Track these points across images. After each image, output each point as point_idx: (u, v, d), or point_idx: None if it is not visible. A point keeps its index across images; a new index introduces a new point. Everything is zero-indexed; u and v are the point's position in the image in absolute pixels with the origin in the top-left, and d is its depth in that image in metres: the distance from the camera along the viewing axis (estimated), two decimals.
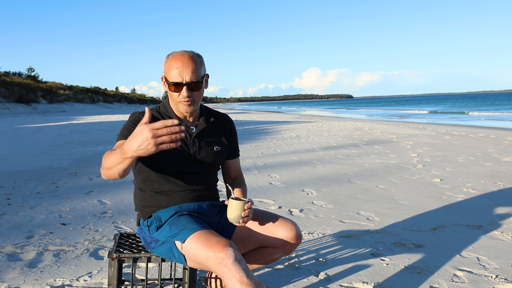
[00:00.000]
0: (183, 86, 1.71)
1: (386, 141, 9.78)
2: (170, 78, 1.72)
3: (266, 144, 9.32)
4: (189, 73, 1.70)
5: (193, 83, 1.72)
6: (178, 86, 1.72)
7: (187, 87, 1.71)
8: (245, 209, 1.70)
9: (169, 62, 1.73)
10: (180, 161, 1.80)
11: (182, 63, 1.70)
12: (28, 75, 43.55)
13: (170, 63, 1.73)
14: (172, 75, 1.71)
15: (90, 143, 9.43)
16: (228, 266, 1.48)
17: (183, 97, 1.73)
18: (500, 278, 2.31)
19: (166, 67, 1.74)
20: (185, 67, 1.70)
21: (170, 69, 1.72)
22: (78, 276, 2.30)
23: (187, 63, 1.70)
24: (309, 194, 4.42)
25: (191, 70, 1.70)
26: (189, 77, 1.70)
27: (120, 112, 35.04)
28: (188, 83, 1.71)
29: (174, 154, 1.79)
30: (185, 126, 1.83)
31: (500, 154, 7.24)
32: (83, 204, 3.94)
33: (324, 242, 2.92)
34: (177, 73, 1.70)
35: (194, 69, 1.71)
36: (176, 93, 1.74)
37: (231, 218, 1.72)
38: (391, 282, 2.27)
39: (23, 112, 28.55)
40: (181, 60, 1.71)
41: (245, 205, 1.70)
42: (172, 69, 1.71)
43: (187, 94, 1.72)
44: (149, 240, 1.81)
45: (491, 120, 20.59)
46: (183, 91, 1.72)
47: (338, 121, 20.31)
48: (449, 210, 3.77)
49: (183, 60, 1.71)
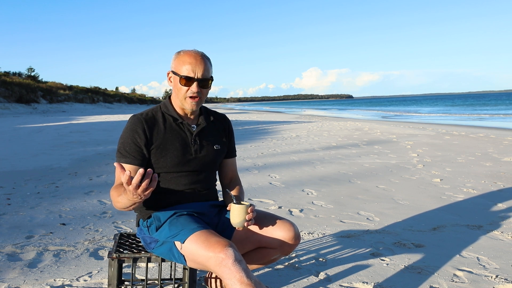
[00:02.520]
0: (194, 81, 1.76)
1: (386, 141, 9.78)
2: (182, 72, 1.76)
3: (266, 144, 9.32)
4: (201, 70, 1.76)
5: (204, 80, 1.77)
6: (190, 81, 1.76)
7: (198, 83, 1.77)
8: (248, 212, 1.70)
9: (181, 58, 1.78)
10: (181, 159, 1.81)
11: (196, 59, 1.76)
12: (28, 75, 43.54)
13: (183, 58, 1.78)
14: (184, 70, 1.76)
15: (90, 143, 9.43)
16: (228, 266, 1.48)
17: (192, 92, 1.77)
18: (500, 278, 2.31)
19: (178, 62, 1.79)
20: (198, 63, 1.76)
21: (182, 64, 1.77)
22: (78, 276, 2.30)
23: (200, 61, 1.77)
24: (309, 194, 4.42)
25: (203, 67, 1.77)
26: (201, 73, 1.76)
27: (120, 112, 35.03)
28: (199, 79, 1.76)
29: (175, 153, 1.80)
30: (186, 124, 1.86)
31: (500, 154, 7.24)
32: (83, 204, 3.94)
33: (324, 242, 2.92)
34: (190, 68, 1.75)
35: (206, 68, 1.78)
36: (186, 88, 1.77)
37: (235, 223, 1.72)
38: (391, 282, 2.27)
39: (23, 112, 28.54)
40: (194, 57, 1.77)
41: (248, 209, 1.71)
42: (185, 64, 1.76)
43: (197, 90, 1.77)
44: (148, 240, 1.81)
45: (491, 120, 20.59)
46: (193, 86, 1.76)
47: (338, 121, 20.31)
48: (449, 210, 3.77)
49: (197, 57, 1.77)
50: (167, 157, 1.79)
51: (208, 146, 1.88)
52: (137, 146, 1.75)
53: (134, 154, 1.74)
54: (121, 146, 1.77)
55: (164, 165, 1.80)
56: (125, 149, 1.75)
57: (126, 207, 1.60)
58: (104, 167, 6.10)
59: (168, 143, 1.80)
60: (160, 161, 1.79)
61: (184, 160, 1.81)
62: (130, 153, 1.74)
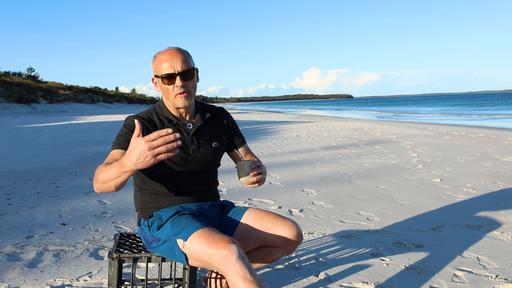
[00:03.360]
0: (175, 76, 1.73)
1: (386, 141, 9.78)
2: (162, 71, 1.74)
3: (266, 144, 9.32)
4: (179, 63, 1.73)
5: (185, 72, 1.74)
6: (171, 78, 1.73)
7: (180, 77, 1.73)
8: (252, 168, 1.71)
9: (157, 59, 1.77)
10: (180, 160, 1.80)
11: (171, 55, 1.74)
12: (28, 75, 43.53)
13: (159, 59, 1.76)
14: (163, 68, 1.73)
15: (90, 143, 9.43)
16: (232, 263, 1.47)
17: (178, 87, 1.74)
18: (500, 278, 2.31)
19: (156, 64, 1.77)
20: (174, 58, 1.73)
21: (160, 63, 1.75)
22: (78, 276, 2.30)
23: (175, 55, 1.74)
24: (309, 194, 4.42)
25: (180, 60, 1.73)
26: (180, 66, 1.73)
27: (120, 112, 35.03)
28: (180, 72, 1.73)
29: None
30: (182, 124, 1.84)
31: (500, 154, 7.24)
32: (83, 204, 3.94)
33: (324, 242, 2.92)
34: (168, 65, 1.73)
35: (184, 59, 1.74)
36: (171, 86, 1.75)
37: (241, 180, 1.73)
38: (391, 282, 2.27)
39: (23, 112, 28.54)
40: (169, 53, 1.75)
41: (252, 164, 1.71)
42: (162, 63, 1.74)
43: (182, 84, 1.73)
44: (150, 239, 1.81)
45: (491, 120, 20.59)
46: (177, 81, 1.73)
47: (338, 121, 20.31)
48: (449, 210, 3.77)
49: (171, 52, 1.75)
50: (165, 159, 1.78)
51: (206, 144, 1.87)
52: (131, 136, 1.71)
53: (127, 142, 1.69)
54: (116, 137, 1.75)
55: (163, 167, 1.79)
56: (118, 138, 1.73)
57: (112, 178, 1.45)
58: None
59: None
60: (159, 162, 1.78)
61: (183, 161, 1.81)
62: (124, 141, 1.70)
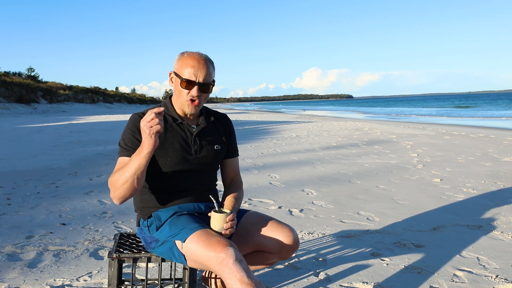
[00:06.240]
0: (195, 85, 1.75)
1: (386, 141, 9.78)
2: (184, 75, 1.75)
3: (266, 144, 9.33)
4: (203, 74, 1.75)
5: (205, 84, 1.76)
6: (190, 84, 1.75)
7: (199, 87, 1.75)
8: (227, 221, 1.69)
9: (184, 60, 1.77)
10: (181, 159, 1.81)
11: (199, 63, 1.75)
12: (28, 75, 43.52)
13: (185, 61, 1.76)
14: (186, 73, 1.75)
15: (90, 143, 9.43)
16: (229, 266, 1.48)
17: (192, 96, 1.76)
18: (500, 278, 2.31)
19: (180, 64, 1.77)
20: (201, 67, 1.74)
21: (185, 66, 1.75)
22: (78, 276, 2.30)
23: (203, 64, 1.75)
24: (309, 194, 4.42)
25: (205, 71, 1.75)
26: (202, 77, 1.75)
27: (120, 112, 35.03)
28: (200, 83, 1.75)
29: (175, 153, 1.80)
30: (186, 124, 1.86)
31: (500, 154, 7.24)
32: (83, 204, 3.94)
33: (324, 242, 2.92)
34: (192, 71, 1.74)
35: (208, 72, 1.76)
36: (186, 91, 1.77)
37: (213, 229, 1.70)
38: (391, 282, 2.27)
39: (23, 112, 28.54)
40: (198, 60, 1.76)
41: (227, 217, 1.69)
42: (188, 67, 1.75)
43: (197, 94, 1.76)
44: (149, 240, 1.81)
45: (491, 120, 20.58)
46: (194, 90, 1.75)
47: (338, 121, 20.31)
48: (449, 210, 3.77)
49: (200, 60, 1.76)
50: (167, 157, 1.79)
51: (208, 146, 1.88)
52: (138, 141, 1.74)
53: (135, 148, 1.73)
54: (122, 141, 1.77)
55: (164, 165, 1.80)
56: (126, 143, 1.76)
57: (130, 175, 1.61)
58: (104, 167, 6.10)
59: (168, 143, 1.80)
60: (160, 160, 1.79)
61: (184, 160, 1.81)
62: (131, 147, 1.74)
